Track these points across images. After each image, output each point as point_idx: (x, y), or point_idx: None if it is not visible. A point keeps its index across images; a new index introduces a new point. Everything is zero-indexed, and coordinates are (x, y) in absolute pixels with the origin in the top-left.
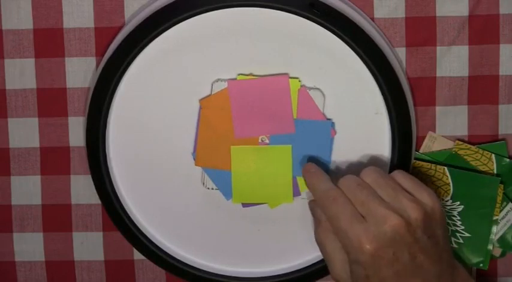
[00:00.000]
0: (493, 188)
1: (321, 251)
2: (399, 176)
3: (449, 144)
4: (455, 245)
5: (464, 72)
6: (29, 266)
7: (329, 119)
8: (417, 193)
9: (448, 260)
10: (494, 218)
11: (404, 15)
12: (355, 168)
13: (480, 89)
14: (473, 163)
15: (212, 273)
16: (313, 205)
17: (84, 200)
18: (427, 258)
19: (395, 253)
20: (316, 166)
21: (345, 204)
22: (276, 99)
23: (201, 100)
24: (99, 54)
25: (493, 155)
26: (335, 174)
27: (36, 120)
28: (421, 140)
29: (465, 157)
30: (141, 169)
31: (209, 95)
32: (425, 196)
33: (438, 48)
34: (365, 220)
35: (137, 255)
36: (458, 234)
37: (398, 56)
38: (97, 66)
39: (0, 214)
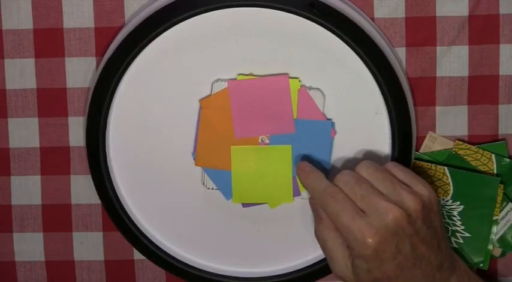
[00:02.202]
0: (493, 188)
1: (322, 247)
2: (394, 168)
3: (449, 144)
4: (455, 245)
5: (464, 72)
6: (29, 266)
7: (329, 119)
8: (413, 184)
9: (446, 249)
10: (494, 218)
11: (404, 15)
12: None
13: (480, 89)
14: (473, 163)
15: (212, 273)
16: (314, 202)
17: (84, 200)
18: (427, 249)
19: (397, 245)
20: (310, 164)
21: (344, 200)
22: (276, 99)
23: (201, 100)
24: (99, 54)
25: (493, 155)
26: (335, 174)
27: (36, 120)
28: (421, 140)
29: (465, 157)
30: (141, 169)
31: (209, 95)
32: (421, 187)
33: (438, 48)
34: (366, 215)
35: (137, 255)
36: (458, 234)
37: (398, 56)
38: (97, 66)
39: (0, 214)
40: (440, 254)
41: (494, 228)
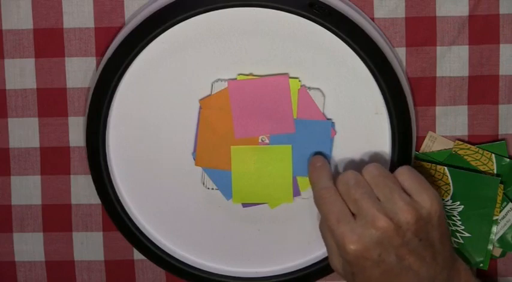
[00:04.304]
0: (493, 188)
1: (323, 240)
2: (403, 174)
3: (449, 144)
4: (455, 245)
5: (464, 72)
6: (29, 266)
7: (329, 119)
8: (417, 194)
9: (444, 262)
10: (494, 218)
11: (404, 15)
12: (355, 169)
13: (480, 89)
14: (473, 163)
15: (212, 273)
16: None
17: (84, 200)
18: (417, 261)
19: (380, 254)
20: (323, 160)
21: (334, 203)
22: (276, 99)
23: (201, 100)
24: (99, 54)
25: (493, 155)
26: (335, 174)
27: (36, 120)
28: (421, 140)
29: (465, 157)
30: (141, 169)
31: (209, 95)
32: (424, 198)
33: (438, 48)
34: (355, 219)
35: (137, 255)
36: (458, 234)
37: (398, 56)
38: (97, 66)
39: (0, 214)
40: (434, 267)
41: (494, 228)
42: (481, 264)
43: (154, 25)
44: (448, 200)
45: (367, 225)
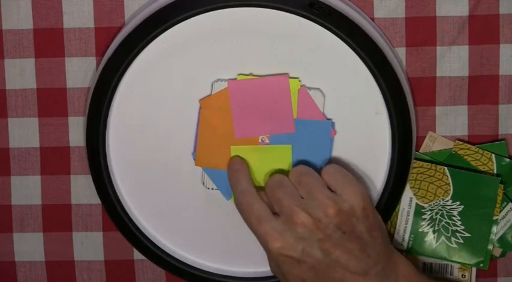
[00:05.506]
0: (493, 188)
1: None
2: (328, 172)
3: (449, 144)
4: (455, 245)
5: (464, 72)
6: (29, 266)
7: (329, 119)
8: (340, 189)
9: (377, 256)
10: (494, 218)
11: (404, 15)
12: (355, 168)
13: (480, 89)
14: (473, 163)
15: (212, 273)
16: None
17: (84, 200)
18: (344, 253)
19: (304, 250)
20: (241, 162)
21: (253, 206)
22: (276, 99)
23: (201, 100)
24: (99, 54)
25: (493, 155)
26: None
27: (36, 120)
28: (421, 140)
29: (465, 157)
30: (141, 169)
31: (209, 95)
32: (347, 192)
33: (438, 48)
34: (277, 218)
35: (137, 255)
36: (458, 234)
37: (398, 56)
38: (97, 66)
39: (0, 214)
40: (365, 260)
41: (494, 228)
42: (481, 264)
43: (154, 25)
44: (448, 200)
45: (287, 221)
